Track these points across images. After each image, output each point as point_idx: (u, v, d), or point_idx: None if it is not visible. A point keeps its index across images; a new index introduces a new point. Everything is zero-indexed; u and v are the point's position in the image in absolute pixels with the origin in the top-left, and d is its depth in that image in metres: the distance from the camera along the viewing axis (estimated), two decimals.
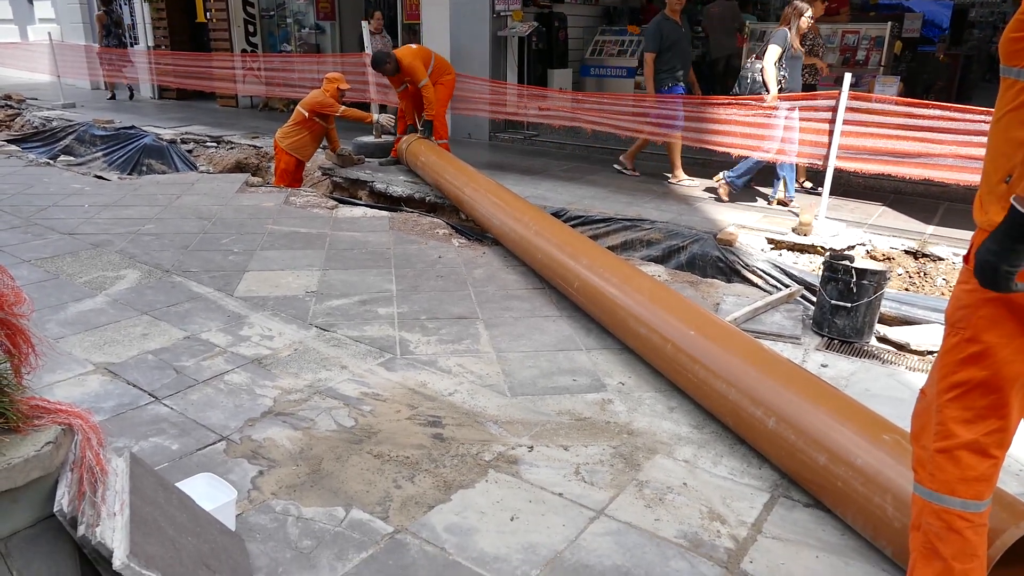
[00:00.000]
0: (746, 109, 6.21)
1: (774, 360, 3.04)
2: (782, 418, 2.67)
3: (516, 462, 2.74)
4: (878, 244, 5.43)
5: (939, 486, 1.72)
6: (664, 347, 3.33)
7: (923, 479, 1.77)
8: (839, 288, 3.87)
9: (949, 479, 1.70)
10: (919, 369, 3.62)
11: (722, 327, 3.34)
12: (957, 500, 1.70)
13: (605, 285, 3.90)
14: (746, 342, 3.20)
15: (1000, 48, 1.58)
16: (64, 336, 3.67)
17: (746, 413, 2.82)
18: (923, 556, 1.77)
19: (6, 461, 1.62)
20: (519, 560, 2.23)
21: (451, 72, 8.01)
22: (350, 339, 3.79)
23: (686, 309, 3.51)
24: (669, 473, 2.71)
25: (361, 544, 2.28)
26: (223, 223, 5.86)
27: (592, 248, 4.40)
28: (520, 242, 4.89)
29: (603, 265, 4.08)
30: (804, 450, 2.55)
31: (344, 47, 13.11)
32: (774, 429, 2.68)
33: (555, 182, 7.42)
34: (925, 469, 1.76)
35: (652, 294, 3.67)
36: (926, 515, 1.76)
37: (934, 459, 1.73)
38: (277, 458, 2.72)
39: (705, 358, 3.11)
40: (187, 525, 1.97)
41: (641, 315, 3.56)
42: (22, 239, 5.27)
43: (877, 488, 2.29)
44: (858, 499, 2.33)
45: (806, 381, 2.85)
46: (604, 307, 3.85)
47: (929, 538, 1.75)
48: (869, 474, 2.33)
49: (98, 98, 14.61)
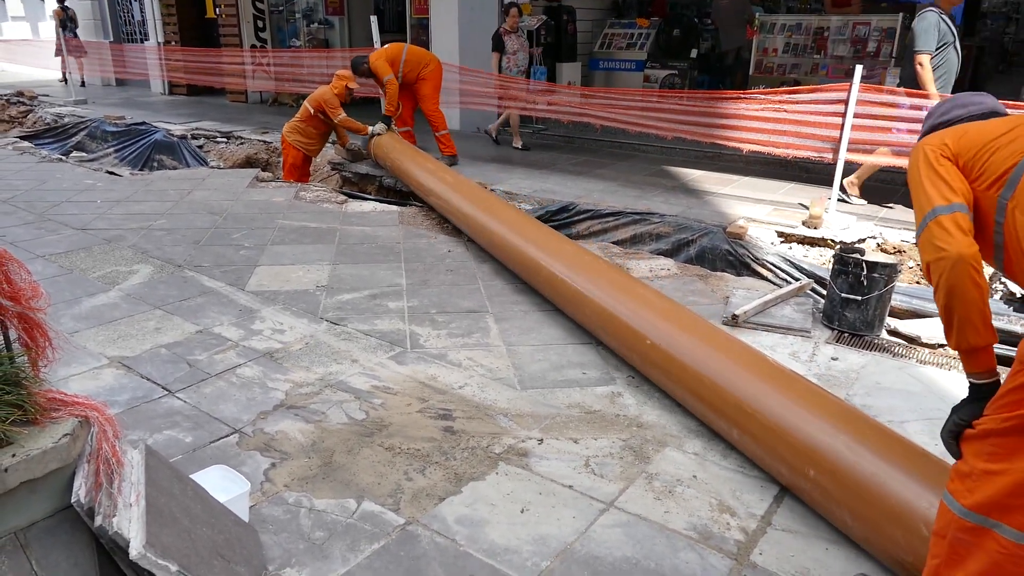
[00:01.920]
0: (757, 103, 6.18)
1: (788, 380, 2.73)
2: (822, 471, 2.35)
3: (526, 455, 2.76)
4: (889, 237, 5.40)
5: (976, 505, 1.58)
6: (671, 367, 3.08)
7: (960, 494, 1.62)
8: (849, 281, 3.86)
9: (990, 500, 1.56)
10: (930, 362, 3.61)
11: (727, 340, 3.07)
12: (992, 522, 1.56)
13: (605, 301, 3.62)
14: (760, 364, 2.87)
15: None
16: (79, 330, 3.71)
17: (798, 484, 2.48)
18: (945, 564, 1.66)
19: (25, 452, 1.64)
20: (529, 551, 2.25)
21: (432, 62, 7.86)
22: (361, 333, 3.81)
23: (684, 317, 3.28)
24: (679, 466, 2.72)
25: (373, 535, 2.30)
26: (234, 218, 5.90)
27: (575, 251, 4.22)
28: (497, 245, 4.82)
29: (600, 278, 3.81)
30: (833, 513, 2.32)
31: (353, 42, 13.13)
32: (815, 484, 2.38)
33: (563, 176, 7.42)
34: (965, 485, 1.61)
35: (656, 304, 3.44)
36: (955, 528, 1.63)
37: (981, 478, 1.58)
38: (289, 451, 2.74)
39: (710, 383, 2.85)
40: (202, 516, 2.00)
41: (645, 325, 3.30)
42: (36, 234, 5.32)
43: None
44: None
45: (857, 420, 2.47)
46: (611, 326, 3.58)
47: (955, 549, 1.63)
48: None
49: (109, 94, 14.70)
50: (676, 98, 7.18)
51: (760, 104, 6.17)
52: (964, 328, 1.62)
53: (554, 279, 4.01)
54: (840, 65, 9.06)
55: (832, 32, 9.18)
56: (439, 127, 7.87)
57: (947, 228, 1.64)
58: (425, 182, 6.13)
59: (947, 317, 1.65)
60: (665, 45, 11.48)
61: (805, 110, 5.85)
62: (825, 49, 9.30)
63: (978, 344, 1.63)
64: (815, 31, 9.31)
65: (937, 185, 1.71)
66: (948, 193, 1.69)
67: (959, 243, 1.61)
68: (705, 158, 8.28)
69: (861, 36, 9.01)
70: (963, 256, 1.60)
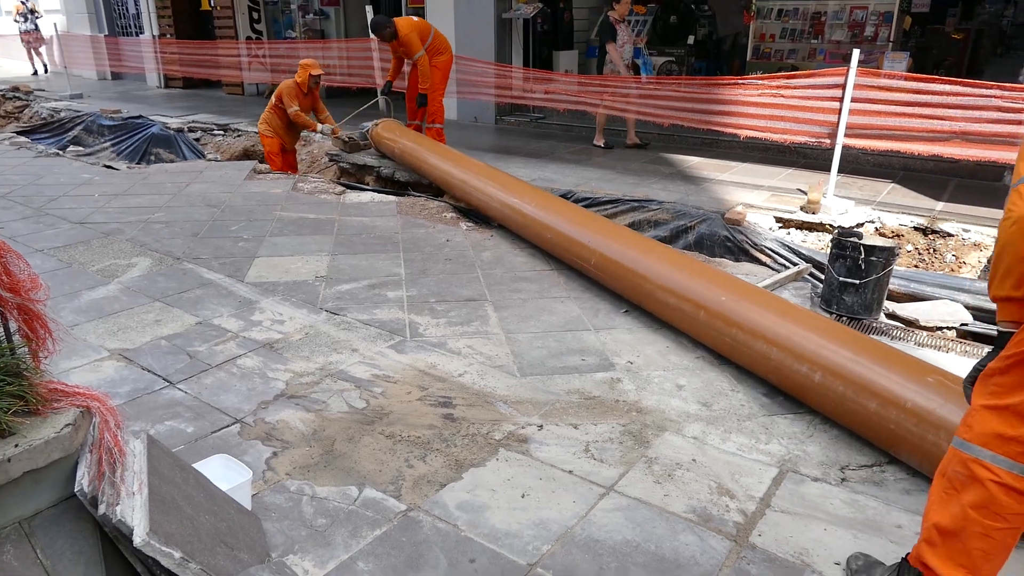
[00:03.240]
0: (754, 89, 6.17)
1: (811, 318, 3.15)
2: (828, 371, 2.79)
3: (526, 441, 2.77)
4: (887, 221, 5.41)
5: (973, 437, 1.77)
6: (697, 315, 3.42)
7: (961, 431, 1.82)
8: (847, 265, 3.86)
9: (986, 432, 1.74)
10: (928, 345, 3.62)
11: (752, 289, 3.45)
12: (987, 452, 1.73)
13: (624, 259, 3.94)
14: (780, 303, 3.31)
15: None
16: (79, 323, 3.71)
17: (790, 371, 2.94)
18: (940, 499, 1.83)
19: (27, 443, 1.65)
20: (530, 536, 2.27)
21: (447, 51, 7.74)
22: (360, 322, 3.82)
23: (713, 275, 3.61)
24: (678, 450, 2.74)
25: (375, 522, 2.32)
26: (232, 210, 5.90)
27: (603, 223, 4.43)
28: (526, 223, 4.89)
29: (618, 238, 4.12)
30: (854, 399, 2.68)
31: (348, 32, 13.08)
32: (821, 382, 2.80)
33: (562, 164, 7.41)
34: (966, 422, 1.82)
35: (674, 262, 3.76)
36: (953, 463, 1.81)
37: (979, 412, 1.78)
38: (291, 439, 2.76)
39: (742, 321, 3.20)
40: (204, 504, 2.01)
41: (669, 285, 3.63)
42: (34, 229, 5.32)
43: (930, 427, 2.43)
44: (912, 439, 2.49)
45: (846, 334, 2.97)
46: (626, 281, 3.90)
47: (952, 482, 1.80)
48: (921, 414, 2.48)
49: (105, 88, 14.66)
50: (673, 85, 7.17)
51: (757, 90, 6.16)
52: (1005, 279, 1.75)
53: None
54: (838, 50, 9.05)
55: (829, 17, 9.16)
56: (437, 119, 7.83)
57: (1022, 194, 1.76)
58: (451, 169, 6.08)
59: (995, 266, 1.79)
60: (662, 32, 11.44)
61: (802, 95, 5.84)
62: (822, 34, 9.28)
63: (1016, 295, 1.74)
64: (812, 16, 9.28)
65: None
66: None
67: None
68: (703, 145, 8.28)
69: (858, 20, 8.98)
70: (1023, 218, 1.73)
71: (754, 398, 3.12)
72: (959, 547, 1.79)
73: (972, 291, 4.20)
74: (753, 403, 3.08)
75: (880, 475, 2.61)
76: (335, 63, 9.84)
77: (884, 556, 2.19)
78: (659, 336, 3.69)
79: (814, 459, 2.69)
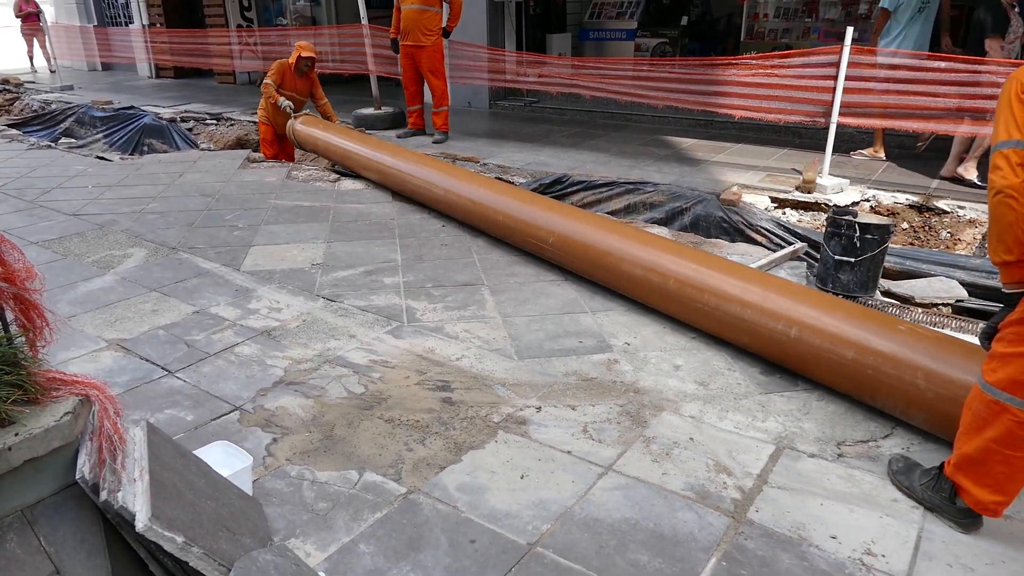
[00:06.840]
0: (748, 69, 6.15)
1: (780, 282, 3.24)
2: (804, 327, 2.88)
3: (525, 422, 2.79)
4: (882, 199, 5.42)
5: (996, 381, 2.01)
6: (666, 284, 3.46)
7: (985, 374, 2.06)
8: (843, 243, 3.87)
9: (1006, 377, 1.98)
10: (924, 322, 3.63)
11: (719, 259, 3.53)
12: (1005, 395, 1.99)
13: (586, 235, 3.96)
14: (744, 269, 3.38)
15: None
16: (76, 314, 3.71)
17: (765, 329, 3.01)
18: (968, 431, 2.12)
19: (27, 431, 1.66)
20: (530, 516, 2.29)
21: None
22: (357, 309, 3.83)
23: (679, 248, 3.68)
24: (675, 429, 2.75)
25: (375, 505, 2.34)
26: (227, 199, 5.88)
27: (557, 204, 4.49)
28: (475, 210, 4.87)
29: (578, 217, 4.16)
30: (831, 350, 2.77)
31: (340, 19, 12.97)
32: (797, 337, 2.88)
33: (556, 148, 7.40)
34: (989, 366, 2.05)
35: (639, 236, 3.80)
36: (977, 402, 2.08)
37: (1000, 358, 2.01)
38: (290, 425, 2.77)
39: (713, 287, 3.26)
40: (206, 490, 2.02)
41: (636, 256, 3.66)
42: (28, 221, 5.30)
43: (907, 368, 2.57)
44: (889, 381, 2.64)
45: (817, 295, 3.13)
46: (590, 259, 3.92)
47: (976, 417, 2.08)
48: (898, 358, 2.63)
49: (95, 79, 14.56)
50: (667, 66, 7.14)
51: (751, 70, 6.14)
52: (997, 246, 1.96)
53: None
54: (832, 28, 9.01)
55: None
56: (444, 103, 7.81)
57: (998, 164, 1.93)
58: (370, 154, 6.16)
59: (989, 234, 2.00)
60: (655, 13, 11.38)
61: (797, 75, 5.82)
62: (816, 12, 9.24)
63: (1008, 259, 1.95)
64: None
65: (1007, 120, 1.94)
66: (1013, 129, 1.92)
67: (1004, 176, 1.91)
68: (698, 126, 8.26)
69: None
70: (1003, 188, 1.90)
71: (751, 376, 3.13)
72: (984, 471, 2.10)
73: (967, 268, 4.21)
74: (750, 381, 3.10)
75: (876, 450, 2.63)
76: (327, 50, 9.76)
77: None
78: (655, 317, 3.70)
79: (811, 436, 2.72)
